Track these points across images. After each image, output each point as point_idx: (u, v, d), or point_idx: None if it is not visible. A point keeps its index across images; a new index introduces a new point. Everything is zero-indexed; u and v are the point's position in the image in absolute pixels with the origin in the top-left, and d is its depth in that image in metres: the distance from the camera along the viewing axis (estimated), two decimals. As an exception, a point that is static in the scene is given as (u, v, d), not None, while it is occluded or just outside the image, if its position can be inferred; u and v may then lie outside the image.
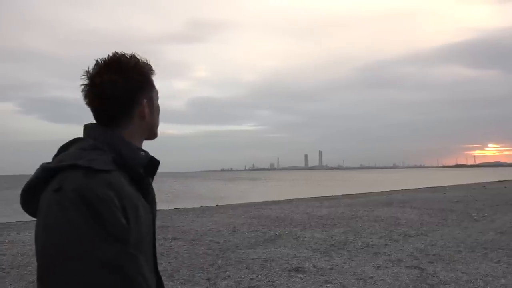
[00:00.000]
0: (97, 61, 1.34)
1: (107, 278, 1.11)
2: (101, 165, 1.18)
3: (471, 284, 5.76)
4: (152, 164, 1.41)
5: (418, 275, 6.22)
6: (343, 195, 25.22)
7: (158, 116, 1.46)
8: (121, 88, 1.31)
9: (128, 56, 1.37)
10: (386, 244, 8.55)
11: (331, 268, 6.68)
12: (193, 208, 19.25)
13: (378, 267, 6.75)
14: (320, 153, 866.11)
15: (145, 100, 1.37)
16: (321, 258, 7.41)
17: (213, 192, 43.24)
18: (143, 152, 1.35)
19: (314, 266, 6.81)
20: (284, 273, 6.42)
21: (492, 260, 7.10)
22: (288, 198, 23.79)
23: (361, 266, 6.79)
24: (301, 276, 6.28)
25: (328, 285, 5.81)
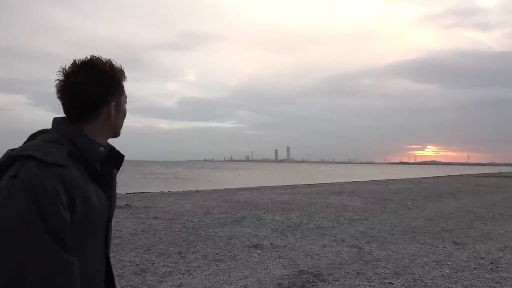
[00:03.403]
0: (74, 61, 1.29)
1: (31, 267, 1.06)
2: (54, 158, 1.14)
3: (399, 261, 5.88)
4: (116, 157, 1.39)
5: (357, 253, 6.31)
6: (303, 184, 25.36)
7: (123, 119, 1.41)
8: (91, 90, 1.27)
9: (103, 61, 1.31)
10: (333, 227, 8.64)
11: (285, 246, 6.72)
12: (176, 192, 19.07)
13: (324, 245, 6.82)
14: (288, 148, 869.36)
15: (113, 103, 1.32)
16: (277, 237, 7.44)
17: (194, 178, 42.97)
18: (102, 148, 1.30)
19: (271, 244, 6.83)
20: (244, 249, 6.42)
21: (419, 242, 7.26)
22: (257, 185, 23.81)
23: (310, 245, 6.85)
24: (259, 252, 6.29)
25: (280, 259, 5.84)
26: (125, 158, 1.52)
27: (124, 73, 1.38)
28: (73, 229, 1.16)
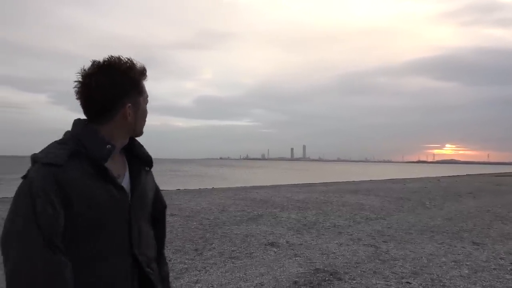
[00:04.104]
0: (93, 61, 1.32)
1: (22, 267, 1.13)
2: (52, 159, 1.20)
3: (417, 261, 5.80)
4: (139, 156, 1.43)
5: (373, 252, 6.26)
6: (319, 183, 25.23)
7: (143, 119, 1.42)
8: (106, 91, 1.30)
9: (122, 61, 1.33)
10: (349, 225, 8.59)
11: (301, 244, 6.70)
12: (192, 190, 19.21)
13: (341, 244, 6.78)
14: (304, 147, 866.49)
15: (129, 104, 1.34)
16: (293, 235, 7.43)
17: (211, 176, 43.19)
18: (109, 146, 1.31)
19: (287, 242, 6.82)
20: (261, 247, 6.43)
21: (437, 241, 7.15)
22: (273, 184, 23.81)
23: (326, 243, 6.82)
24: (275, 249, 6.29)
25: (296, 258, 5.83)
26: None
27: (144, 72, 1.38)
28: (73, 226, 1.21)
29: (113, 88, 1.30)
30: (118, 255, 1.31)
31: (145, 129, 1.45)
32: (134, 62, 1.35)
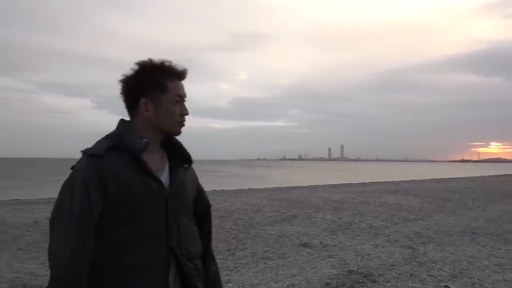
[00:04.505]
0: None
1: (52, 247, 1.32)
2: (94, 151, 1.35)
3: (456, 263, 5.55)
4: (177, 152, 1.51)
5: (410, 254, 6.05)
6: (357, 183, 24.79)
7: (167, 117, 1.45)
8: (128, 87, 1.44)
9: (149, 61, 1.43)
10: (386, 226, 8.36)
11: (335, 245, 6.58)
12: (228, 190, 19.39)
13: (376, 245, 6.60)
14: (342, 147, 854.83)
15: (145, 100, 1.42)
16: (327, 236, 7.31)
17: (247, 177, 43.39)
18: (145, 140, 1.40)
19: (321, 243, 6.72)
20: (294, 248, 6.37)
21: (479, 243, 6.83)
22: (310, 184, 23.61)
23: (362, 244, 6.66)
24: (308, 250, 6.21)
25: (330, 259, 5.72)
26: None
27: (171, 72, 1.45)
28: (110, 214, 1.33)
29: (133, 84, 1.43)
30: (153, 244, 1.37)
31: (182, 130, 1.51)
32: (165, 63, 1.44)
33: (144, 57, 1.46)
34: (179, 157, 1.51)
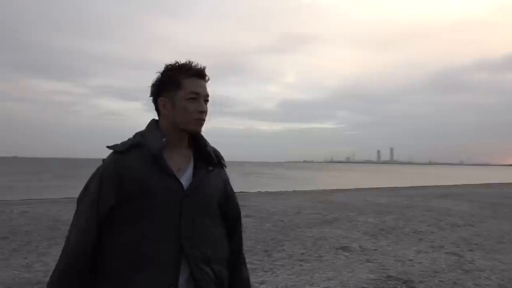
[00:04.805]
0: None
1: (72, 225, 1.46)
2: (117, 148, 1.43)
3: (506, 273, 5.21)
4: (202, 154, 1.52)
5: (456, 261, 5.75)
6: (405, 186, 23.97)
7: (182, 114, 1.46)
8: (151, 88, 1.50)
9: (173, 62, 1.48)
10: (432, 232, 8.00)
11: (375, 249, 6.38)
12: (272, 192, 19.35)
13: (419, 251, 6.33)
14: (392, 149, 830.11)
15: (163, 98, 1.47)
16: (368, 240, 7.11)
17: (293, 179, 43.16)
18: (165, 139, 1.43)
19: (360, 247, 6.55)
20: (332, 251, 6.25)
21: (534, 252, 6.38)
22: (355, 187, 23.12)
23: (404, 250, 6.42)
24: (346, 254, 6.07)
25: (368, 263, 5.56)
26: (228, 159, 1.66)
27: (187, 70, 1.46)
28: (125, 207, 1.39)
29: (154, 84, 1.49)
30: (163, 242, 1.38)
31: (230, 132, 1.54)
32: (182, 62, 1.47)
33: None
34: (205, 159, 1.51)
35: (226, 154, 1.67)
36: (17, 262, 5.25)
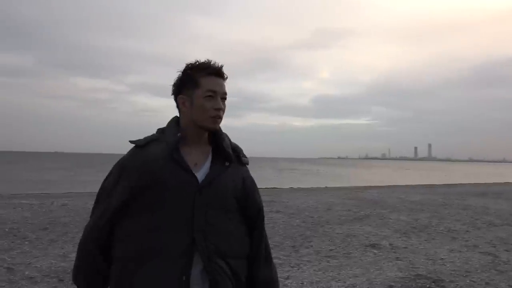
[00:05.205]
0: None
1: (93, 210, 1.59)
2: (137, 142, 1.51)
3: (544, 275, 5.00)
4: (220, 150, 1.55)
5: (490, 261, 5.56)
6: (441, 184, 23.28)
7: (199, 111, 1.49)
8: (173, 85, 1.56)
9: (194, 61, 1.52)
10: (467, 231, 7.76)
11: (405, 247, 6.26)
12: (304, 188, 19.29)
13: (452, 250, 6.16)
14: (429, 145, 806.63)
15: (182, 96, 1.52)
16: (399, 238, 6.98)
17: (326, 175, 42.78)
18: (179, 134, 1.49)
19: (390, 244, 6.44)
20: (360, 248, 6.18)
21: None
22: (389, 184, 22.67)
23: (435, 248, 6.26)
24: (375, 251, 5.99)
25: (398, 261, 5.46)
26: (262, 155, 1.68)
27: (205, 69, 1.50)
28: (139, 198, 1.44)
29: (173, 84, 1.56)
30: (173, 234, 1.41)
31: (264, 129, 1.56)
32: (201, 61, 1.51)
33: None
34: (222, 155, 1.54)
35: (260, 150, 1.68)
36: (54, 252, 5.51)
